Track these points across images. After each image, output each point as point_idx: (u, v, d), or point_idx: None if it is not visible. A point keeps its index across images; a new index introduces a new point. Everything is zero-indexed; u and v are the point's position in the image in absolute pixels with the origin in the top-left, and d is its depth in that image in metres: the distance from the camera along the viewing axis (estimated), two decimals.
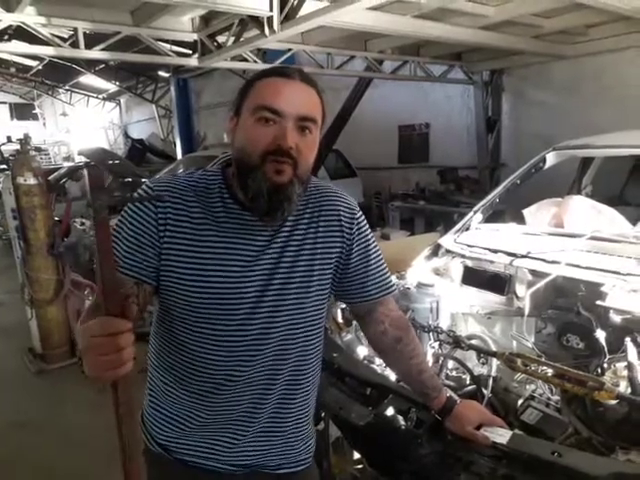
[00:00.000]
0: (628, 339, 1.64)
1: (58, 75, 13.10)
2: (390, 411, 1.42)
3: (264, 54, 5.32)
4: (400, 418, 1.39)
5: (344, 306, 2.13)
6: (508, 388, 1.97)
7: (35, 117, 20.55)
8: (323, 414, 1.64)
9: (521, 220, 2.55)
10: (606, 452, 1.49)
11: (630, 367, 1.57)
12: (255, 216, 1.06)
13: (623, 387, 1.55)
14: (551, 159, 2.67)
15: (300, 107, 1.02)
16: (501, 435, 1.21)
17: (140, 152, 11.90)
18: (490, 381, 1.94)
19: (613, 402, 1.56)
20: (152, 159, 11.99)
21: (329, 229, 1.16)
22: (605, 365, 1.66)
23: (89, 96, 16.43)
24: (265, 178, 1.00)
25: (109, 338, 0.81)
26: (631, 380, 1.54)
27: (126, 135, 16.19)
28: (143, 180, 6.44)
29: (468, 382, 2.04)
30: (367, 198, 8.16)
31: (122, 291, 0.89)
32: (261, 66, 5.25)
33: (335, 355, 1.69)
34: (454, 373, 2.15)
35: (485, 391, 1.95)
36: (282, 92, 1.02)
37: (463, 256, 2.35)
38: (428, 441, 1.29)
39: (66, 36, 4.38)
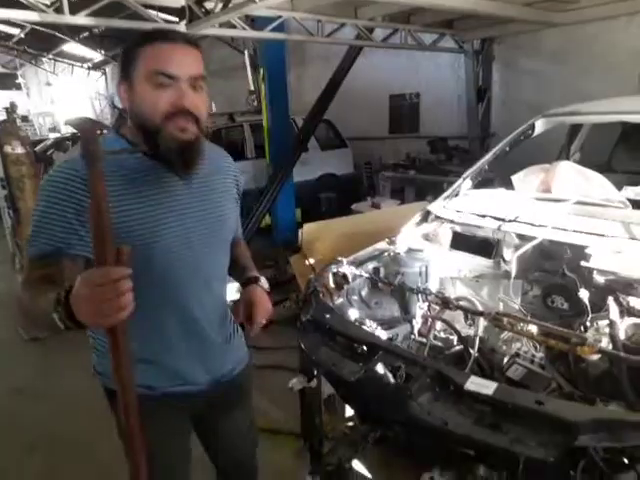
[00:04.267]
0: (611, 298, 1.70)
1: (41, 43, 12.75)
2: (380, 367, 1.47)
3: (252, 21, 5.22)
4: (389, 373, 1.44)
5: (335, 271, 2.17)
6: (494, 348, 2.04)
7: (18, 87, 20.04)
8: (316, 372, 1.69)
9: (509, 186, 2.58)
10: (586, 404, 1.57)
11: (612, 325, 1.63)
12: (172, 171, 1.21)
13: (605, 343, 1.61)
14: (540, 126, 2.68)
15: (190, 68, 1.14)
16: (487, 387, 1.27)
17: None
18: (477, 341, 2.01)
19: (595, 357, 1.63)
20: None
21: (226, 175, 1.39)
22: (588, 323, 1.72)
23: (74, 65, 16.04)
24: (172, 137, 1.13)
25: (111, 285, 0.85)
26: (612, 337, 1.60)
27: (113, 105, 15.85)
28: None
29: (456, 343, 2.11)
30: (357, 168, 8.15)
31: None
32: (250, 33, 5.16)
33: (327, 316, 1.73)
34: (442, 334, 2.21)
35: (472, 351, 2.02)
36: (172, 57, 1.12)
37: (452, 222, 2.39)
38: (417, 394, 1.34)
39: (48, 3, 4.25)
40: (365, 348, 1.56)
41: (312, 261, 3.85)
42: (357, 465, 1.86)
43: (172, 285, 1.25)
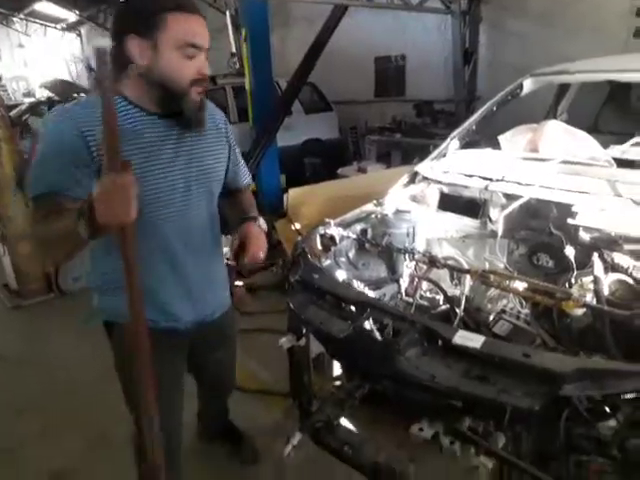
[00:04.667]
0: (595, 255, 1.72)
1: (12, 2, 12.19)
2: (369, 324, 1.48)
3: None
4: (378, 330, 1.45)
5: (322, 233, 2.16)
6: (480, 307, 2.06)
7: None
8: (304, 330, 1.70)
9: (497, 146, 2.57)
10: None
11: (596, 281, 1.66)
12: (184, 128, 1.38)
13: (589, 299, 1.63)
14: (528, 86, 2.65)
15: (207, 40, 1.33)
16: (474, 340, 1.28)
17: None
18: (463, 300, 2.03)
19: (579, 312, 1.66)
20: None
21: (217, 128, 1.53)
22: (573, 280, 1.74)
23: (47, 26, 15.41)
24: (193, 101, 1.33)
25: (122, 188, 1.04)
26: (597, 292, 1.63)
27: (89, 68, 15.36)
28: None
29: (442, 302, 2.13)
30: (343, 133, 8.06)
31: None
32: None
33: (315, 276, 1.73)
34: (428, 294, 2.24)
35: (458, 310, 2.05)
36: (200, 30, 1.30)
37: (439, 182, 2.38)
38: (405, 349, 1.35)
39: None
40: (354, 306, 1.56)
41: (298, 226, 3.82)
42: (345, 422, 1.89)
43: (161, 230, 1.40)
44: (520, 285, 1.65)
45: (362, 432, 1.84)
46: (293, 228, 3.89)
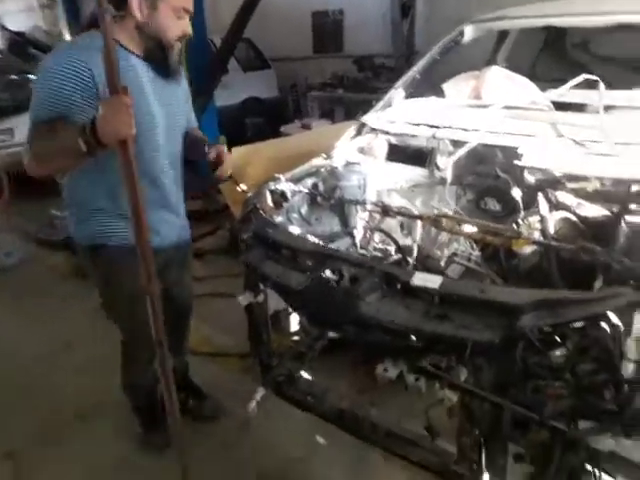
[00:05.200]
0: (540, 195, 1.78)
1: None
2: (328, 273, 1.47)
3: None
4: (337, 278, 1.45)
5: (272, 189, 2.11)
6: (430, 254, 2.11)
7: None
8: (262, 286, 1.67)
9: (441, 95, 2.58)
10: None
11: (542, 219, 1.72)
12: (155, 71, 1.63)
13: (537, 237, 1.70)
14: (469, 33, 2.66)
15: (192, 5, 1.62)
16: (432, 281, 1.30)
17: (22, 47, 10.50)
18: (415, 247, 2.07)
19: (528, 251, 1.72)
20: (38, 55, 10.67)
21: (182, 77, 1.81)
22: (520, 221, 1.80)
23: None
24: (178, 53, 1.63)
25: (123, 107, 1.27)
26: (543, 230, 1.69)
27: (3, 28, 14.10)
28: (30, 77, 5.77)
29: (394, 252, 2.16)
30: (283, 92, 7.87)
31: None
32: None
33: (269, 231, 1.69)
34: (380, 245, 2.26)
35: (409, 259, 2.08)
36: None
37: (387, 133, 2.37)
38: (365, 294, 1.35)
39: None
40: (312, 257, 1.55)
41: (244, 187, 3.73)
42: (306, 374, 1.91)
43: (146, 159, 1.62)
44: (471, 228, 1.68)
45: (323, 382, 1.87)
46: (239, 189, 3.80)
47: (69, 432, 2.28)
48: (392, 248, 2.17)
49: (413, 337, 1.26)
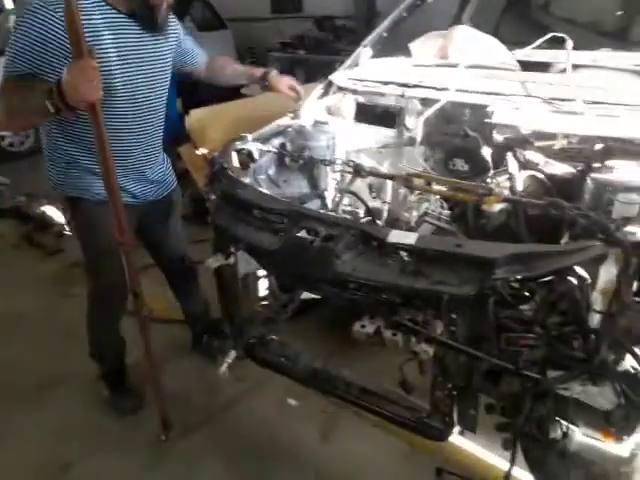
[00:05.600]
0: (509, 154, 1.79)
1: None
2: (303, 232, 1.44)
3: None
4: (312, 237, 1.42)
5: (239, 148, 2.05)
6: (399, 217, 2.11)
7: None
8: (233, 248, 1.63)
9: (408, 54, 2.54)
10: None
11: (511, 177, 1.74)
12: (139, 26, 1.65)
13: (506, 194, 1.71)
14: None
15: None
16: (408, 237, 1.30)
17: None
18: (385, 209, 2.06)
19: (496, 210, 1.74)
20: None
21: (173, 32, 1.87)
22: (489, 180, 1.82)
23: None
24: (165, 9, 1.65)
25: (88, 70, 1.28)
26: (512, 188, 1.72)
27: None
28: None
29: (363, 214, 2.15)
30: (240, 53, 7.62)
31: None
32: None
33: (239, 190, 1.64)
34: (349, 208, 2.24)
35: (379, 222, 2.08)
36: None
37: (355, 92, 2.33)
38: (340, 252, 1.34)
39: None
40: (285, 217, 1.51)
41: (204, 150, 3.61)
42: (278, 336, 1.90)
43: (122, 118, 1.68)
44: (443, 187, 1.68)
45: (296, 344, 1.86)
46: (199, 153, 3.68)
47: (31, 402, 2.21)
48: (361, 210, 2.16)
49: (390, 293, 1.26)
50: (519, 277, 1.18)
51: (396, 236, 1.31)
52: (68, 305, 2.19)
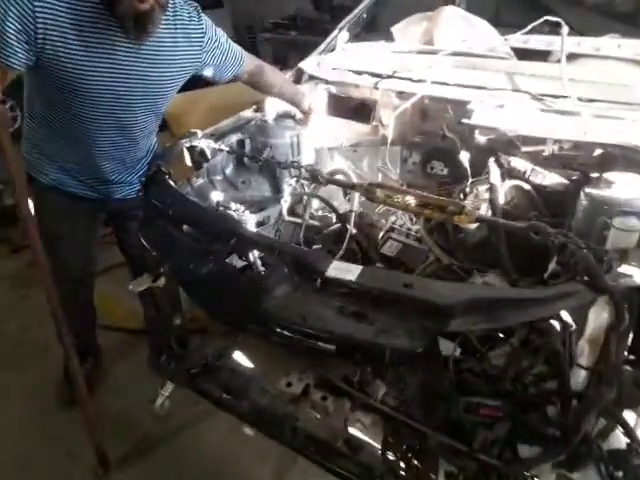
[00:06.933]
0: (491, 160, 1.53)
1: None
2: (233, 257, 1.21)
3: None
4: (244, 263, 1.19)
5: (190, 146, 1.81)
6: (374, 223, 1.86)
7: None
8: (162, 269, 1.41)
9: (390, 39, 2.27)
10: (464, 275, 1.45)
11: (492, 189, 1.48)
12: (125, 35, 1.40)
13: (484, 210, 1.47)
14: None
15: None
16: (350, 272, 1.06)
17: None
18: (352, 217, 1.81)
19: (473, 226, 1.49)
20: None
21: (189, 44, 1.61)
22: (468, 189, 1.56)
23: None
24: (130, 4, 1.31)
25: None
26: (492, 202, 1.46)
27: None
28: None
29: (334, 220, 1.91)
30: (239, 33, 7.28)
31: None
32: None
33: (169, 200, 1.41)
34: (320, 212, 2.00)
35: (348, 226, 1.83)
36: None
37: (327, 81, 2.07)
38: (273, 286, 1.11)
39: None
40: (216, 236, 1.28)
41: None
42: (236, 356, 1.66)
43: (99, 124, 1.55)
44: (409, 199, 1.43)
45: (257, 363, 1.61)
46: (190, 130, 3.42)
47: None
48: (332, 215, 1.92)
49: (323, 341, 1.03)
50: (479, 328, 0.95)
51: (337, 269, 1.07)
52: (22, 307, 2.01)
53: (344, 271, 1.06)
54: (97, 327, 2.10)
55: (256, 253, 1.19)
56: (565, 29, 1.53)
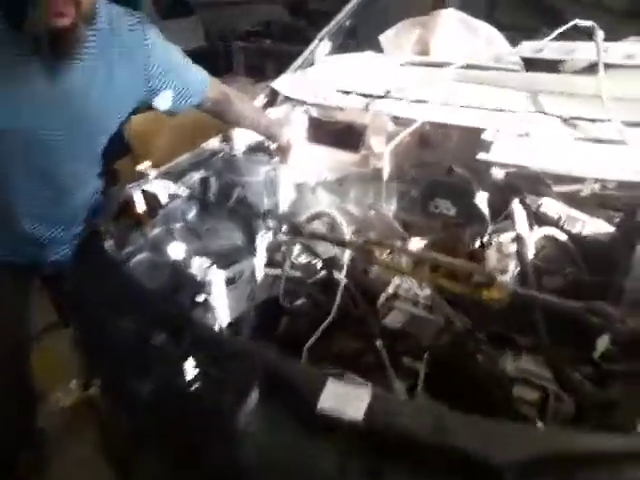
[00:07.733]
0: (516, 201, 1.22)
1: None
2: (189, 368, 0.88)
3: None
4: (200, 377, 0.86)
5: (144, 188, 1.49)
6: (367, 270, 1.54)
7: None
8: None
9: (378, 49, 1.95)
10: (494, 355, 1.13)
11: (519, 240, 1.16)
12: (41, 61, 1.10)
13: (511, 268, 1.15)
14: None
15: None
16: (354, 401, 0.73)
17: None
18: (345, 268, 1.49)
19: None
20: None
21: (130, 59, 1.25)
22: (486, 239, 1.25)
23: None
24: (42, 22, 1.02)
25: None
26: (521, 259, 1.14)
27: None
28: None
29: (320, 267, 1.59)
30: (212, 41, 6.94)
31: None
32: None
33: (100, 280, 1.07)
34: (303, 258, 1.67)
35: (340, 276, 1.50)
36: None
37: (305, 103, 1.75)
38: (244, 420, 0.77)
39: None
40: (164, 332, 0.95)
41: (147, 164, 3.03)
42: None
43: (15, 174, 1.23)
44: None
45: None
46: (140, 169, 3.09)
47: None
48: (318, 261, 1.60)
49: None
50: None
51: (334, 397, 0.74)
52: None
53: (345, 400, 0.73)
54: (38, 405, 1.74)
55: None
56: (600, 34, 1.23)
